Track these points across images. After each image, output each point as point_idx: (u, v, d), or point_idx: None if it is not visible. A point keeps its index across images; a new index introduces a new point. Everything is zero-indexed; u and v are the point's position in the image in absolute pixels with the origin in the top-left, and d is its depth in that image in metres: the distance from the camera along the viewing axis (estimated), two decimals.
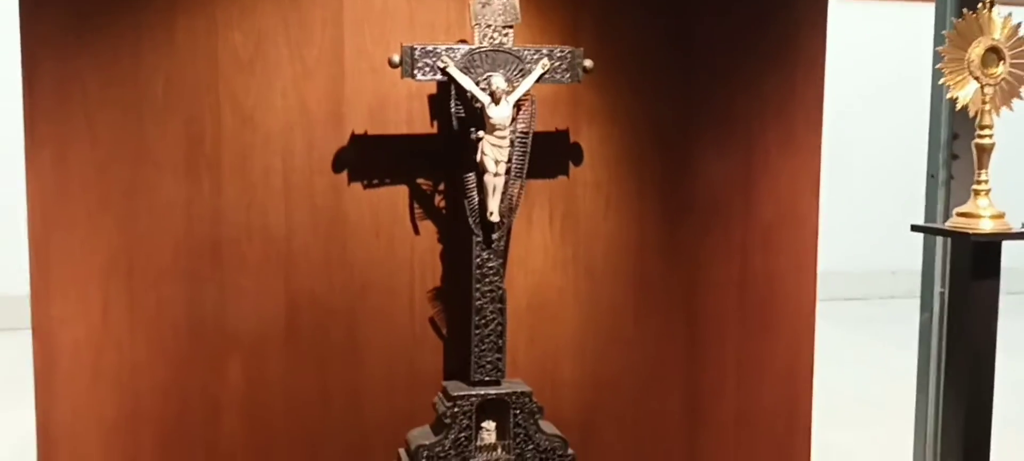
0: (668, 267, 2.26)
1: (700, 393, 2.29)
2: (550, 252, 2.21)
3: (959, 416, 2.39)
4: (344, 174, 2.11)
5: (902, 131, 4.10)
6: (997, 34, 2.28)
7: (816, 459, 3.75)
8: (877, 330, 5.86)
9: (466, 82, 1.98)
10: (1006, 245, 2.33)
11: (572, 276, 2.22)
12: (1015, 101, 2.34)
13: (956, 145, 2.67)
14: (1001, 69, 2.31)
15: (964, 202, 2.37)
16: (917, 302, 2.77)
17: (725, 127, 2.26)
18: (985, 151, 2.34)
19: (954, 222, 2.38)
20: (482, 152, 1.98)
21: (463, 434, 2.02)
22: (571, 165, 2.20)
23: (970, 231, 2.31)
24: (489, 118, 1.97)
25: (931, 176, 2.74)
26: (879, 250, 6.15)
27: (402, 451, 2.06)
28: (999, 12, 2.30)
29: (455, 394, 2.02)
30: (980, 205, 2.35)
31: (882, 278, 6.42)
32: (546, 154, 2.14)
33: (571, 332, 2.24)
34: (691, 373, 2.29)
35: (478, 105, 1.98)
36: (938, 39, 2.50)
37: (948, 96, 2.33)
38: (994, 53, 2.32)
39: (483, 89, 1.98)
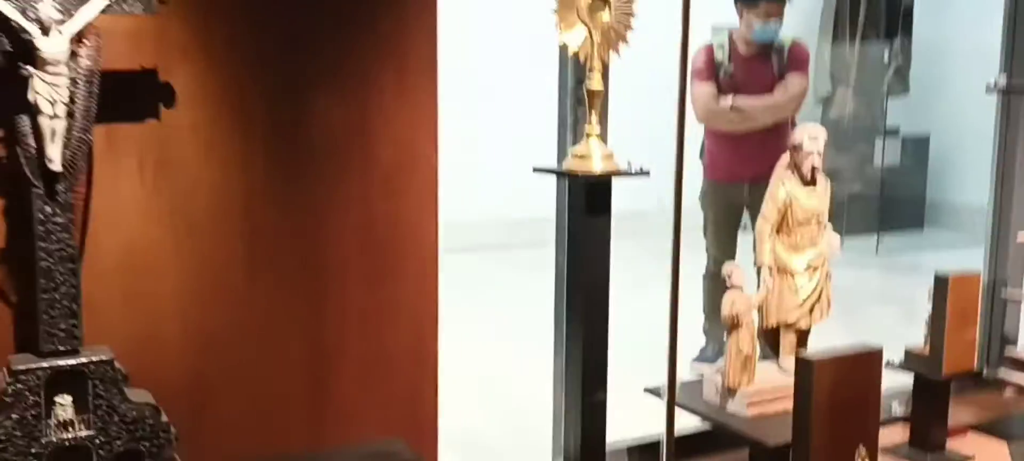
0: (282, 215, 2.15)
1: (324, 345, 2.23)
2: (143, 205, 2.01)
3: (578, 346, 2.55)
4: None
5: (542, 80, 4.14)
6: None
7: (459, 400, 3.92)
8: (522, 276, 6.18)
9: (7, 8, 1.71)
10: None
11: (170, 230, 2.04)
12: (622, 47, 2.49)
13: (582, 90, 2.80)
14: (606, 16, 2.44)
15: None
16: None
17: (339, 67, 2.17)
18: (594, 95, 2.47)
19: (568, 163, 2.50)
20: (34, 91, 1.73)
21: (30, 412, 1.78)
22: (162, 107, 2.01)
23: (580, 171, 2.44)
24: (38, 51, 1.72)
25: (562, 121, 2.87)
26: (524, 199, 6.05)
27: None
28: None
29: (17, 368, 1.78)
30: (591, 146, 2.49)
31: (523, 226, 6.21)
32: (131, 95, 1.93)
33: (173, 290, 2.06)
34: (313, 325, 2.21)
35: (26, 36, 1.72)
36: None
37: (558, 41, 2.43)
38: (601, 0, 2.44)
39: (30, 18, 1.72)
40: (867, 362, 2.28)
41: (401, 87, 2.23)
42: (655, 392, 2.88)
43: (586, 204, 2.49)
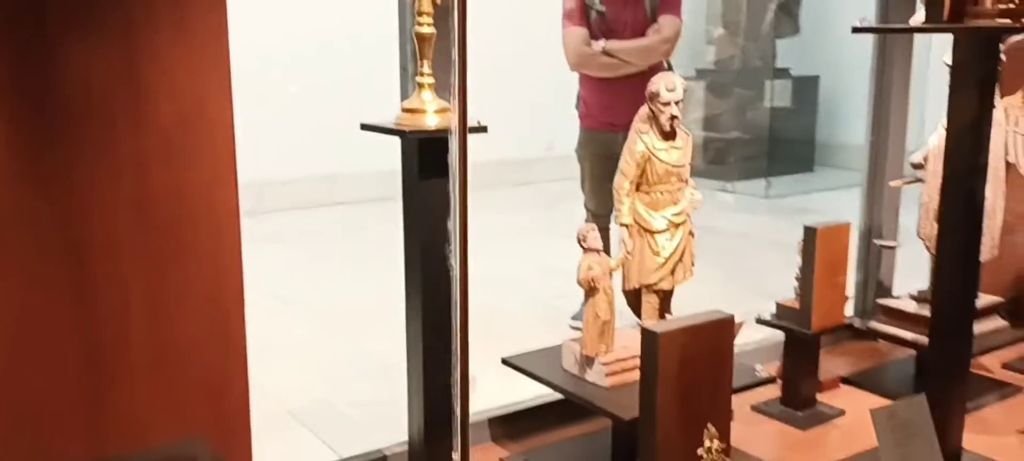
0: (33, 193, 1.79)
1: (100, 342, 1.89)
2: None
3: (417, 324, 2.30)
4: None
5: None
6: None
7: (320, 370, 3.66)
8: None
9: None
10: None
11: None
12: None
13: None
14: None
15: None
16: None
17: (99, 7, 1.81)
18: (425, 40, 2.17)
19: (399, 119, 2.21)
20: None
21: None
22: None
23: (408, 128, 2.16)
24: None
25: (403, 69, 2.58)
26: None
27: None
28: None
29: None
30: (424, 99, 2.21)
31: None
32: None
33: None
34: (84, 320, 1.87)
35: None
36: None
37: None
38: None
39: None
40: (718, 330, 2.10)
41: (181, 28, 1.88)
42: (513, 364, 2.68)
43: (419, 164, 2.22)
